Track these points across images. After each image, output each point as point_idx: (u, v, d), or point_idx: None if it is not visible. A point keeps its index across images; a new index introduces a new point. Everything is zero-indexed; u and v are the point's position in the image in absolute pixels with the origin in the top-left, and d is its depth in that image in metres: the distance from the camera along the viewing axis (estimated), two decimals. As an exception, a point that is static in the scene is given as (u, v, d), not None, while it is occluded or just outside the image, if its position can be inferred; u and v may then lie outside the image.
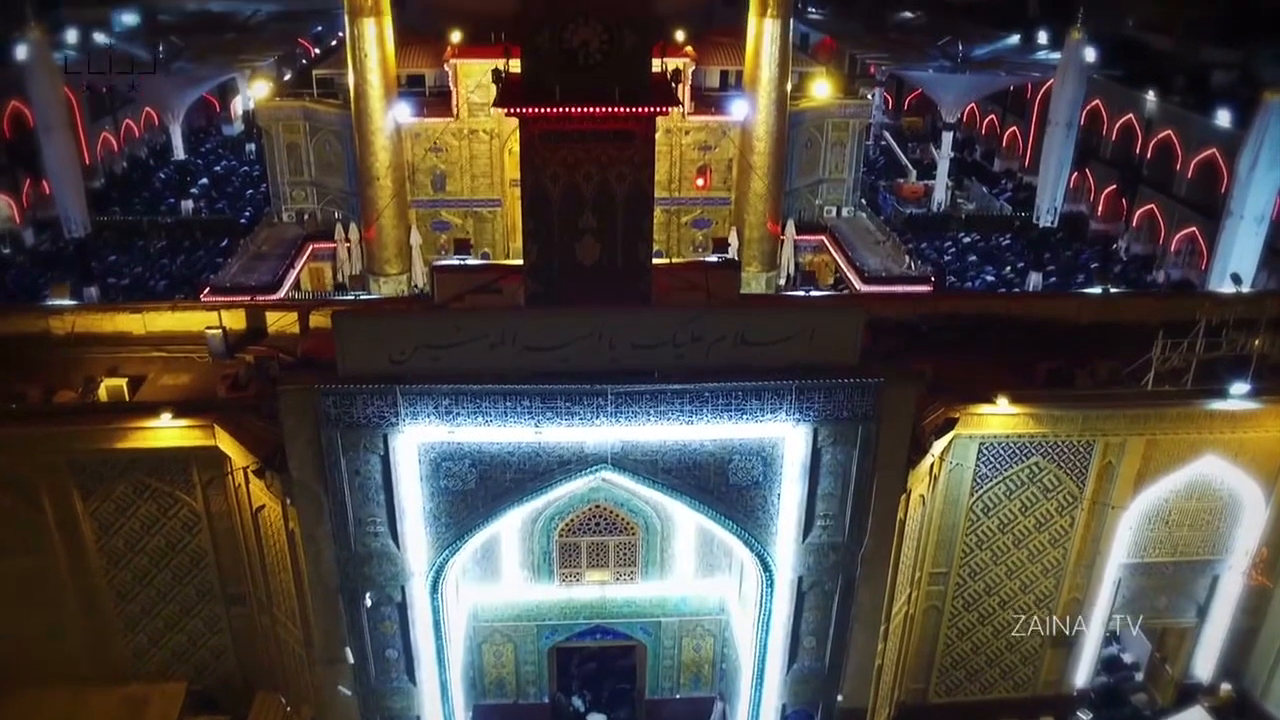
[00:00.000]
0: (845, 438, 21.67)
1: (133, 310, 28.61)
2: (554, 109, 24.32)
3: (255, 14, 70.28)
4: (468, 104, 50.86)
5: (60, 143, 45.12)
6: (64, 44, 57.94)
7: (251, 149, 69.41)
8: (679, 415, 21.10)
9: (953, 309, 31.65)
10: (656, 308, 22.51)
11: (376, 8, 46.85)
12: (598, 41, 24.09)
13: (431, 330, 20.45)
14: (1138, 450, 24.95)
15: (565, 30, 24.01)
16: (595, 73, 24.35)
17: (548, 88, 24.32)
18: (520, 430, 21.02)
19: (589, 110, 24.41)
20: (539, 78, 24.40)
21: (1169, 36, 69.51)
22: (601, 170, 25.28)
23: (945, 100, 63.99)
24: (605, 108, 24.38)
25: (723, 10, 64.80)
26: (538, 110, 24.45)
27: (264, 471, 21.62)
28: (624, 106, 24.38)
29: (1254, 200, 38.42)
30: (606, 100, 24.32)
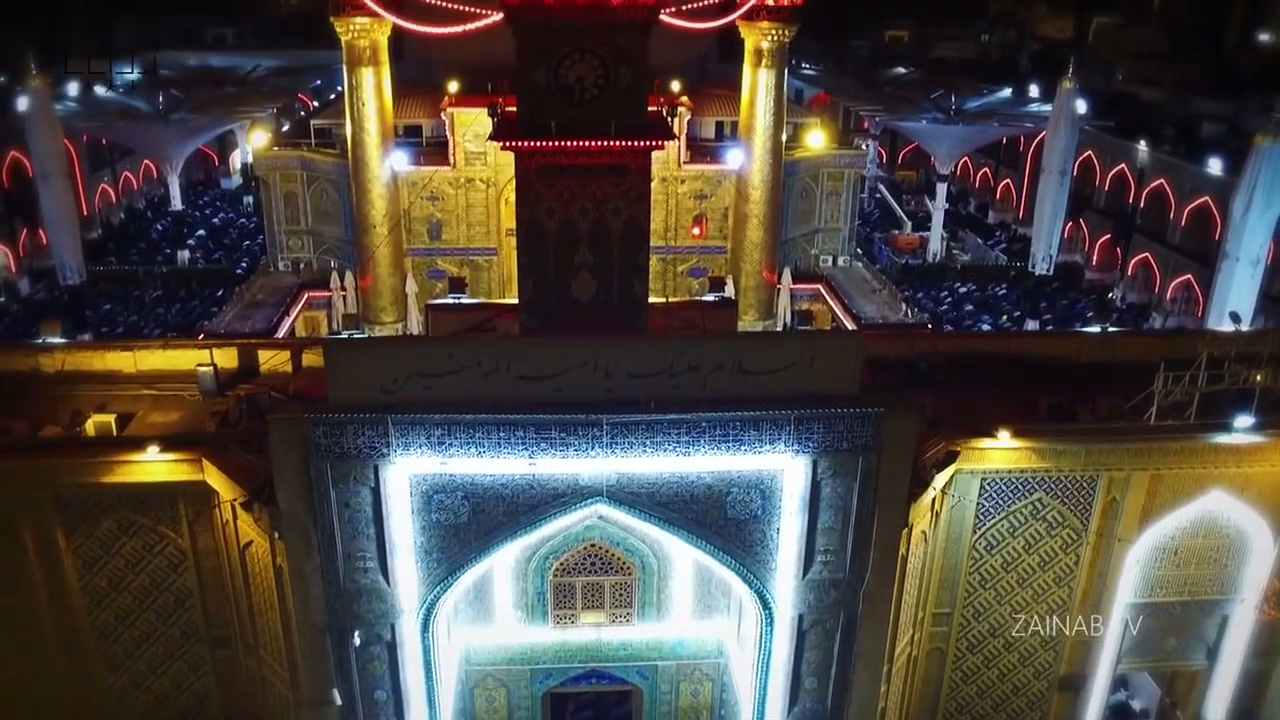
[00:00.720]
0: (845, 469, 21.28)
1: (124, 348, 28.33)
2: (550, 143, 24.39)
3: (256, 69, 71.07)
4: (464, 153, 51.14)
5: (58, 190, 45.22)
6: (65, 96, 58.37)
7: (249, 201, 69.69)
8: (676, 447, 20.72)
9: (951, 348, 31.52)
10: (652, 336, 22.24)
11: (375, 58, 47.29)
12: (593, 77, 24.25)
13: (424, 358, 20.17)
14: (1142, 485, 24.53)
15: (561, 66, 24.17)
16: (591, 107, 24.47)
17: (544, 122, 24.41)
18: (514, 462, 20.61)
19: (585, 144, 24.50)
20: (535, 113, 24.50)
21: (1158, 90, 70.36)
22: (597, 205, 25.31)
23: (939, 152, 64.51)
24: (601, 142, 24.46)
25: (718, 66, 65.71)
26: (534, 144, 24.52)
27: (252, 504, 21.15)
28: (620, 140, 24.46)
29: (1249, 242, 38.48)
30: (602, 134, 24.42)
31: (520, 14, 23.68)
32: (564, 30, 23.78)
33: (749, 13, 48.15)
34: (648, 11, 23.88)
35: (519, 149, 24.73)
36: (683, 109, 51.07)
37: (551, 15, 23.56)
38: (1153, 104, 67.82)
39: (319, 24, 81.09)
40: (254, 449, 22.28)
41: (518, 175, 25.56)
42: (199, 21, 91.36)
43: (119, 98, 60.95)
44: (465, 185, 51.92)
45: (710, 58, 64.37)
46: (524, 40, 24.25)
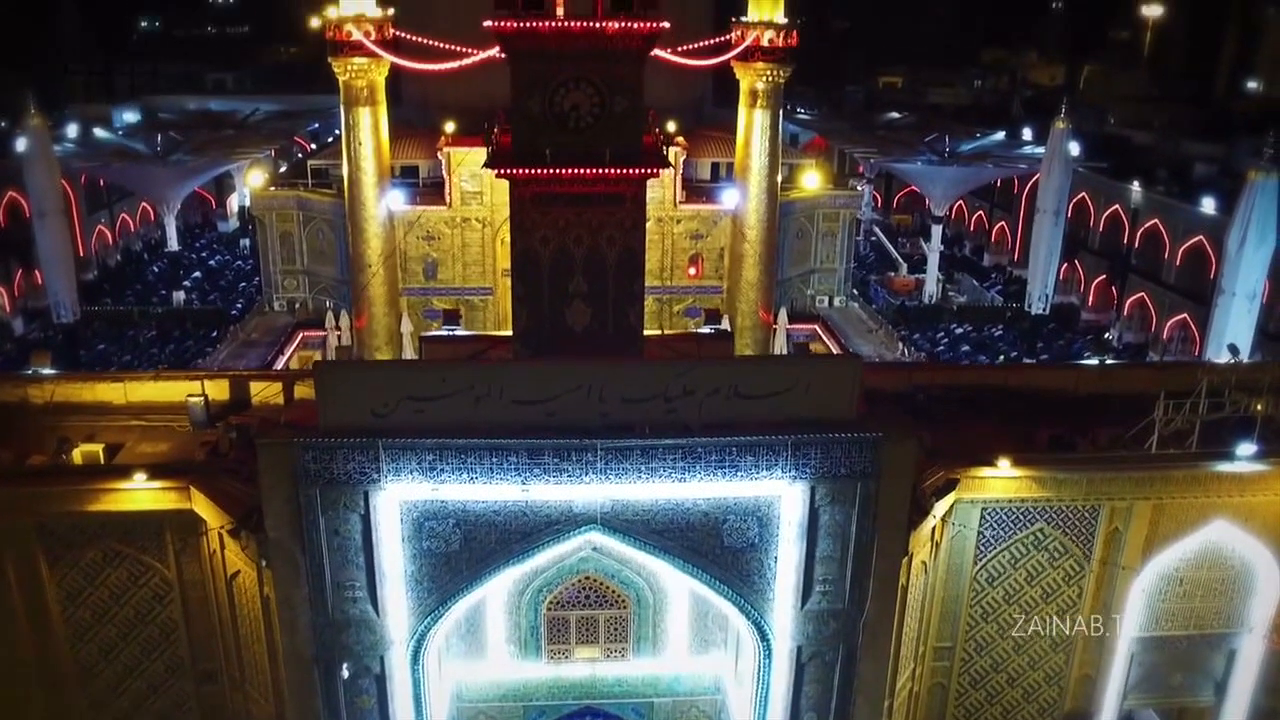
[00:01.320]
0: (844, 496, 20.95)
1: (114, 379, 28.07)
2: (544, 171, 24.33)
3: (254, 113, 71.51)
4: (461, 192, 51.27)
5: (54, 228, 45.22)
6: (64, 137, 58.64)
7: (246, 244, 69.80)
8: (671, 472, 20.40)
9: (949, 380, 31.30)
10: (647, 360, 22.02)
11: (372, 98, 47.57)
12: (588, 105, 24.25)
13: (416, 381, 19.93)
14: (1145, 515, 24.20)
15: (556, 94, 24.18)
16: (586, 136, 24.44)
17: (538, 150, 24.36)
18: (506, 488, 20.27)
19: (580, 172, 24.42)
20: (530, 140, 24.46)
21: (1150, 133, 70.95)
22: (592, 233, 25.20)
23: (934, 194, 64.77)
24: (596, 169, 24.40)
25: (713, 110, 66.26)
26: (528, 172, 24.45)
27: (239, 531, 20.76)
28: (615, 168, 24.41)
29: (1245, 277, 38.48)
30: (597, 163, 24.37)
31: (515, 42, 23.72)
32: (559, 58, 23.82)
33: (744, 54, 48.56)
34: (643, 40, 23.95)
35: (513, 177, 24.65)
36: (678, 149, 51.30)
37: (546, 43, 23.61)
38: (1145, 146, 68.32)
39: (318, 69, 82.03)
40: (243, 478, 21.97)
41: (512, 203, 25.46)
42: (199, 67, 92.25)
43: (117, 139, 61.15)
44: (461, 224, 51.98)
45: (706, 100, 64.94)
46: (519, 68, 24.28)
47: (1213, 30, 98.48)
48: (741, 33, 48.47)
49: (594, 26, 23.63)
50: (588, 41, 23.72)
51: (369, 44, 45.23)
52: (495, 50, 28.12)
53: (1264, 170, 38.30)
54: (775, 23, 48.17)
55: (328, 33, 45.91)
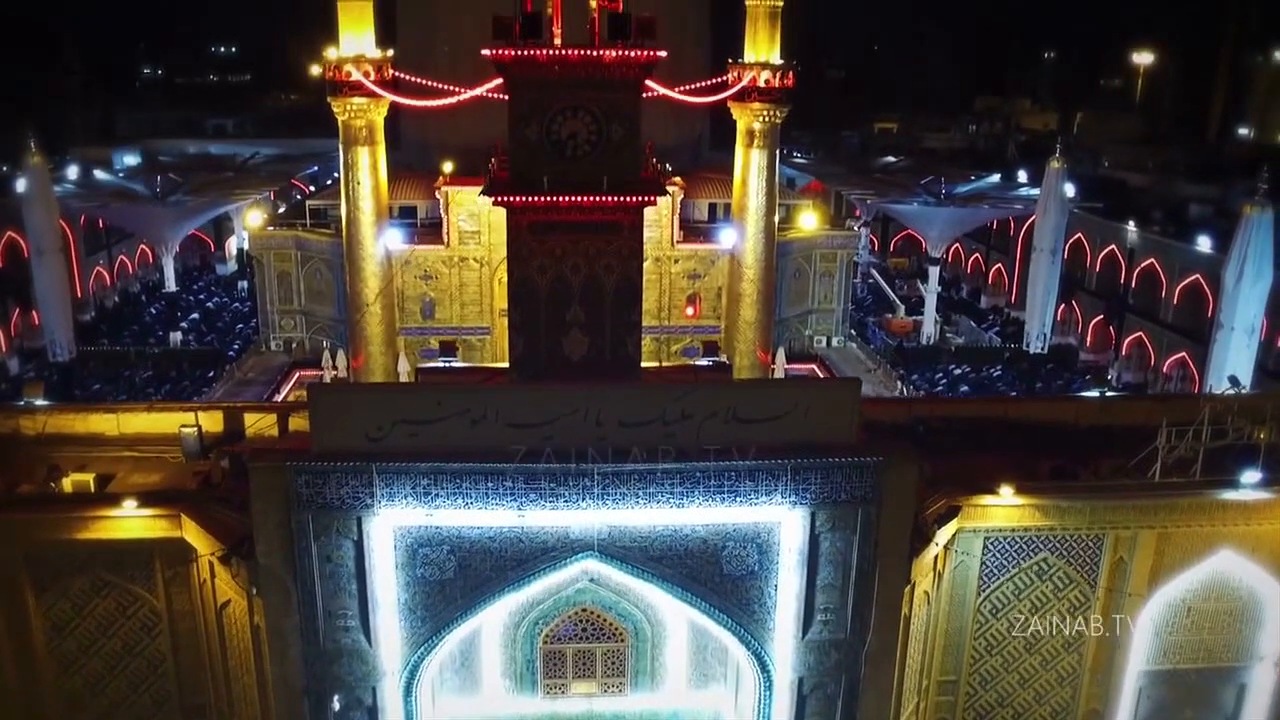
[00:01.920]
0: (844, 522, 20.66)
1: (107, 410, 27.76)
2: (542, 198, 24.34)
3: (254, 156, 71.93)
4: (458, 231, 51.38)
5: (52, 266, 45.22)
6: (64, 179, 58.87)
7: (244, 286, 69.72)
8: (669, 498, 20.14)
9: (948, 413, 31.04)
10: (645, 383, 21.82)
11: (371, 138, 47.81)
12: (586, 133, 24.33)
13: (411, 404, 19.71)
14: (1150, 545, 23.85)
15: (554, 122, 24.28)
16: (583, 164, 24.50)
17: (536, 178, 24.40)
18: (502, 513, 19.99)
19: (577, 200, 24.44)
20: (527, 168, 24.51)
21: (1144, 175, 71.43)
22: (589, 262, 25.16)
23: (930, 235, 64.95)
24: (593, 197, 24.42)
25: (709, 153, 66.68)
26: (525, 200, 24.46)
27: (230, 558, 20.40)
28: (612, 196, 24.42)
29: (1243, 312, 38.45)
30: (595, 190, 24.39)
31: (513, 70, 23.85)
32: (556, 86, 23.95)
33: (740, 94, 48.94)
34: (640, 68, 24.09)
35: (511, 204, 24.66)
36: (676, 188, 51.51)
37: (544, 71, 23.74)
38: (1139, 188, 68.68)
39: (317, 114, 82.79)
40: (235, 506, 21.63)
41: (509, 231, 25.44)
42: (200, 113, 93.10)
43: (117, 180, 61.42)
44: (459, 264, 52.02)
45: (703, 143, 65.36)
46: (516, 97, 24.40)
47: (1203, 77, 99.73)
48: (738, 73, 48.90)
49: (591, 55, 23.80)
50: (585, 69, 23.86)
51: (368, 84, 45.53)
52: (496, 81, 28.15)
53: (1259, 205, 38.44)
54: (771, 64, 48.62)
55: (328, 73, 46.27)
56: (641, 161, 25.56)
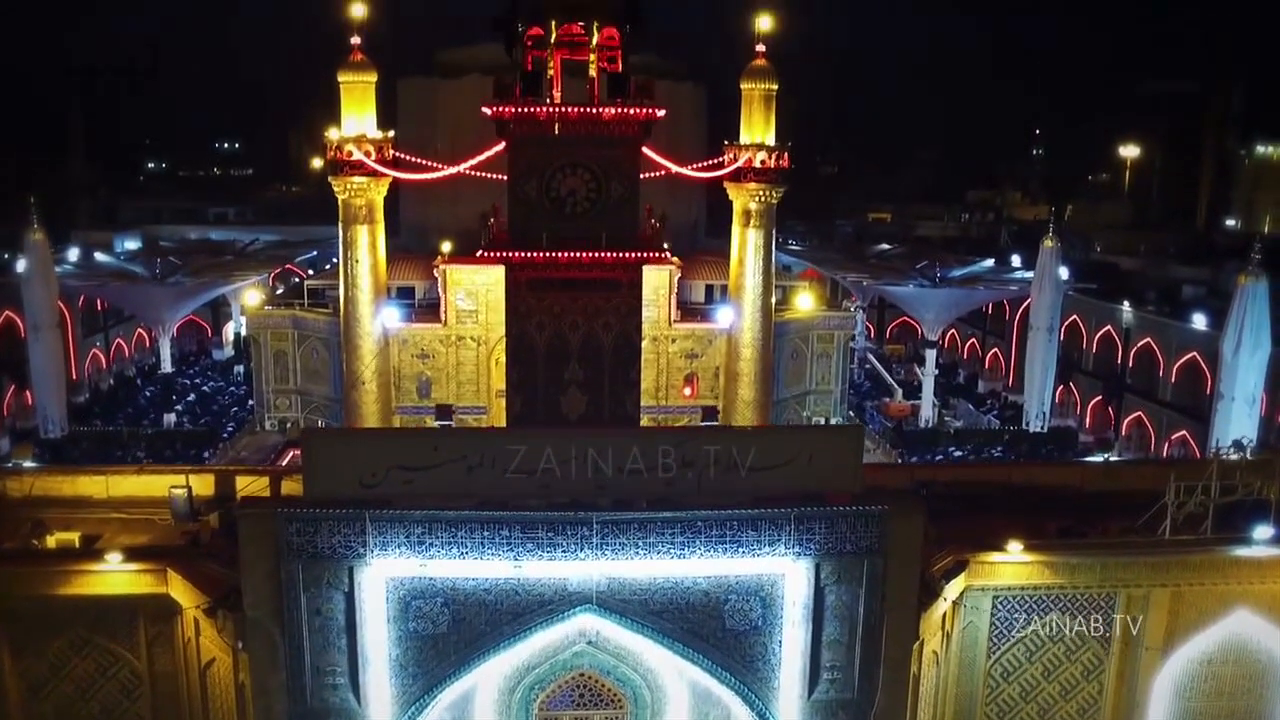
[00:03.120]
0: (850, 574, 20.11)
1: (96, 473, 27.32)
2: (541, 254, 24.38)
3: (254, 242, 72.57)
4: (456, 311, 51.43)
5: (48, 342, 45.16)
6: (65, 260, 59.21)
7: (240, 371, 69.51)
8: (669, 548, 19.64)
9: (951, 478, 30.69)
10: (644, 430, 21.46)
11: (370, 216, 48.26)
12: (585, 190, 24.50)
13: (407, 449, 19.33)
14: (1163, 604, 23.23)
15: (553, 179, 24.47)
16: (582, 221, 24.62)
17: (534, 234, 24.49)
18: (498, 564, 19.44)
19: (576, 256, 24.49)
20: (526, 225, 24.61)
21: (1136, 259, 72.20)
22: (588, 319, 25.09)
23: (926, 318, 65.20)
24: (592, 253, 24.46)
25: (705, 240, 67.39)
26: (524, 256, 24.50)
27: (216, 611, 19.74)
28: (611, 252, 24.47)
29: (1243, 381, 38.37)
30: (593, 246, 24.44)
31: (513, 128, 24.14)
32: (556, 144, 24.21)
33: (737, 174, 49.59)
34: (640, 126, 24.40)
35: (509, 261, 24.70)
36: (673, 267, 51.85)
37: (544, 128, 24.03)
38: (1131, 271, 69.31)
39: (318, 203, 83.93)
40: (223, 561, 21.07)
41: (507, 288, 25.44)
42: (201, 202, 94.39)
43: (117, 262, 61.78)
44: (456, 343, 51.95)
45: (699, 227, 66.09)
46: (516, 154, 24.64)
47: (1189, 170, 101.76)
48: (734, 154, 49.65)
49: (591, 112, 24.12)
50: (584, 127, 24.16)
51: (369, 162, 46.14)
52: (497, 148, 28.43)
53: (1253, 275, 38.71)
54: (767, 145, 49.38)
55: (329, 152, 46.94)
56: (640, 219, 25.72)
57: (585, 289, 24.96)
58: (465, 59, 56.81)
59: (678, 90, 58.62)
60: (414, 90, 59.68)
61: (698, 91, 63.26)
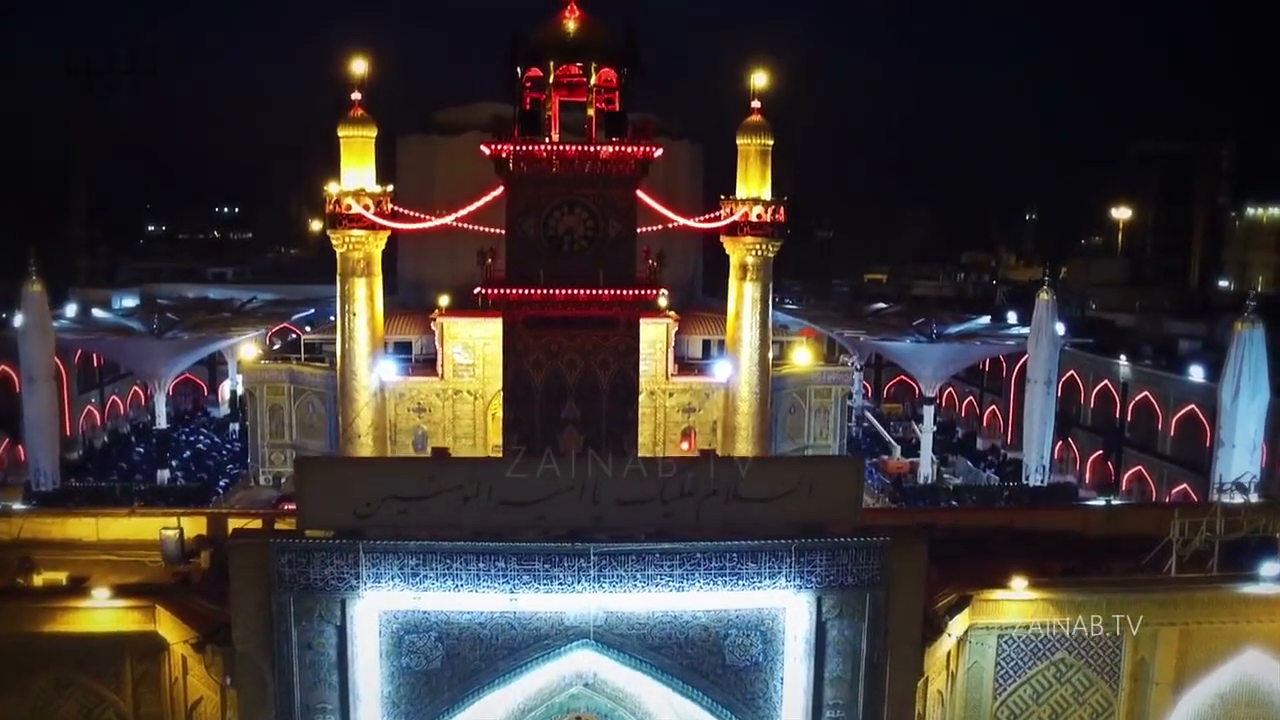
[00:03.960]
0: (852, 608, 19.73)
1: (86, 515, 27.02)
2: (538, 292, 24.42)
3: (252, 300, 72.69)
4: (453, 364, 51.35)
5: (43, 394, 44.96)
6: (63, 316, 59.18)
7: (236, 429, 69.18)
8: (668, 580, 19.28)
9: (952, 522, 30.34)
10: (643, 460, 21.25)
11: (368, 269, 48.39)
12: (583, 228, 24.67)
13: (402, 479, 19.06)
14: (1172, 644, 22.80)
15: (551, 217, 24.65)
16: (580, 259, 24.75)
17: (532, 273, 24.57)
18: (493, 597, 19.06)
19: (573, 293, 24.54)
20: (524, 263, 24.71)
21: (1131, 315, 72.49)
22: (585, 358, 25.07)
23: (923, 374, 65.10)
24: (590, 291, 24.51)
25: (702, 298, 67.68)
26: (522, 293, 24.53)
27: (205, 646, 19.29)
28: (609, 290, 24.51)
29: (1243, 427, 38.22)
30: (591, 284, 24.49)
31: (512, 166, 24.35)
32: (554, 182, 24.43)
33: (733, 228, 49.90)
34: (637, 164, 24.62)
35: (507, 298, 24.72)
36: (670, 321, 51.95)
37: (542, 167, 24.26)
38: (1127, 327, 69.50)
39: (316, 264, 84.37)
40: (213, 598, 20.68)
41: (504, 328, 25.42)
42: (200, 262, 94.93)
43: (115, 318, 61.79)
44: (453, 396, 51.77)
45: (696, 283, 66.40)
46: (514, 193, 24.84)
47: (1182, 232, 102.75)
48: (730, 209, 50.02)
49: (588, 150, 24.37)
50: (582, 165, 24.40)
51: (368, 215, 46.41)
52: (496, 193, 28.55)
53: (1249, 322, 38.80)
54: (763, 199, 49.78)
55: (328, 206, 47.22)
56: (638, 258, 25.81)
57: (583, 327, 24.98)
58: (463, 117, 57.66)
59: (675, 148, 59.27)
60: (413, 148, 60.36)
61: (694, 150, 64.05)
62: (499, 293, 24.56)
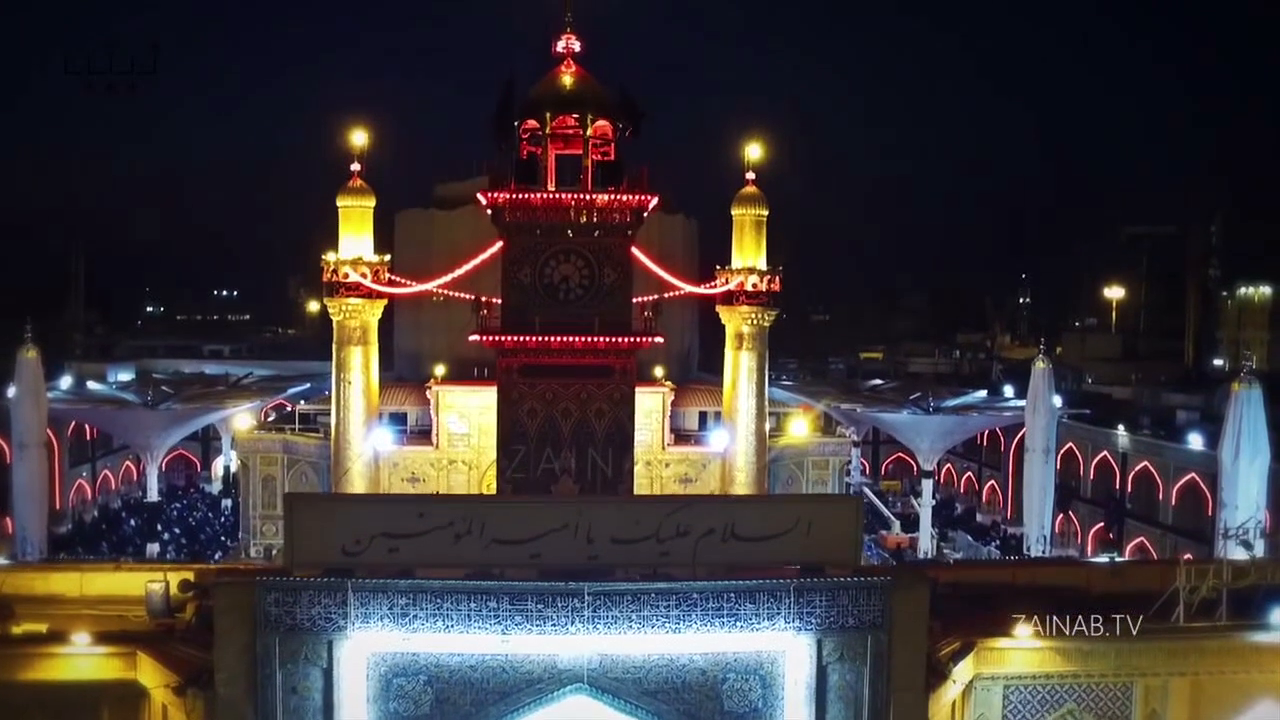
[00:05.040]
0: (854, 651, 19.23)
1: (70, 569, 26.47)
2: (534, 339, 24.37)
3: (248, 376, 72.57)
4: (448, 434, 50.95)
5: (32, 461, 44.40)
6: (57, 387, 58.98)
7: (229, 505, 68.46)
8: (664, 621, 18.81)
9: (953, 578, 29.74)
10: (638, 497, 20.91)
11: (364, 338, 48.24)
12: (579, 277, 24.79)
13: (392, 516, 18.74)
14: (1183, 695, 22.21)
15: (547, 265, 24.79)
16: (575, 307, 24.81)
17: (528, 320, 24.58)
18: (485, 638, 18.55)
19: (569, 341, 24.53)
20: (519, 311, 24.75)
21: (1128, 388, 72.48)
22: (581, 406, 24.95)
23: (921, 448, 64.78)
24: (585, 338, 24.48)
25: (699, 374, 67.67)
26: (517, 340, 24.49)
27: (186, 690, 18.66)
28: (604, 337, 24.47)
29: (1244, 489, 37.82)
30: (586, 331, 24.46)
31: (508, 214, 24.54)
32: (549, 230, 24.56)
33: (729, 297, 50.02)
34: (633, 213, 24.81)
35: (502, 345, 24.67)
36: (667, 390, 51.83)
37: (538, 215, 24.43)
38: (1124, 400, 69.44)
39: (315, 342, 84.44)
40: (197, 645, 20.11)
41: (499, 376, 25.35)
42: (197, 341, 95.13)
43: (110, 390, 61.57)
44: (448, 466, 51.23)
45: (693, 356, 66.42)
46: (510, 241, 24.98)
47: (1175, 310, 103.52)
48: (726, 278, 50.26)
49: (584, 198, 24.58)
50: (578, 213, 24.56)
51: (366, 283, 46.52)
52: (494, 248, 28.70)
53: (1246, 382, 38.75)
54: (758, 268, 50.05)
55: (326, 274, 47.33)
56: (633, 307, 25.83)
57: (578, 375, 24.93)
58: (462, 192, 58.23)
59: (670, 222, 59.92)
60: (412, 222, 60.82)
61: (690, 225, 64.71)
62: (494, 339, 24.48)
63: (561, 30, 25.52)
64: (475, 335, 25.37)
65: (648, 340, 24.93)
